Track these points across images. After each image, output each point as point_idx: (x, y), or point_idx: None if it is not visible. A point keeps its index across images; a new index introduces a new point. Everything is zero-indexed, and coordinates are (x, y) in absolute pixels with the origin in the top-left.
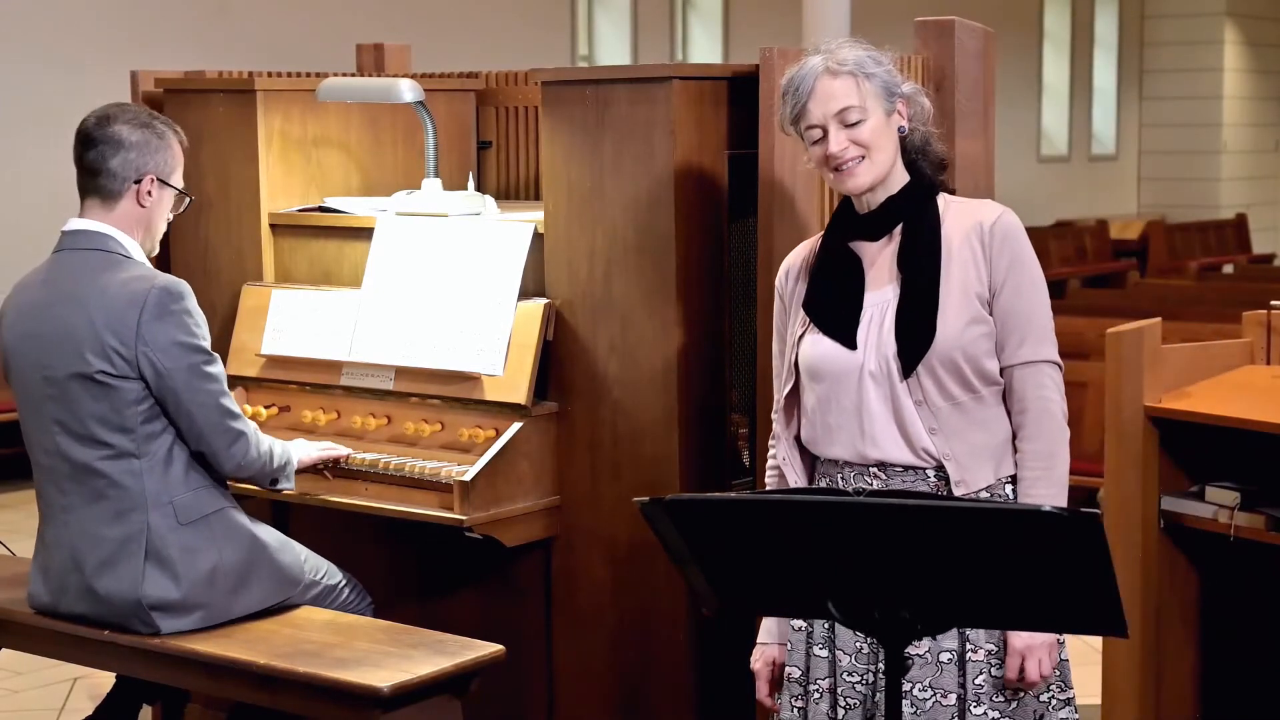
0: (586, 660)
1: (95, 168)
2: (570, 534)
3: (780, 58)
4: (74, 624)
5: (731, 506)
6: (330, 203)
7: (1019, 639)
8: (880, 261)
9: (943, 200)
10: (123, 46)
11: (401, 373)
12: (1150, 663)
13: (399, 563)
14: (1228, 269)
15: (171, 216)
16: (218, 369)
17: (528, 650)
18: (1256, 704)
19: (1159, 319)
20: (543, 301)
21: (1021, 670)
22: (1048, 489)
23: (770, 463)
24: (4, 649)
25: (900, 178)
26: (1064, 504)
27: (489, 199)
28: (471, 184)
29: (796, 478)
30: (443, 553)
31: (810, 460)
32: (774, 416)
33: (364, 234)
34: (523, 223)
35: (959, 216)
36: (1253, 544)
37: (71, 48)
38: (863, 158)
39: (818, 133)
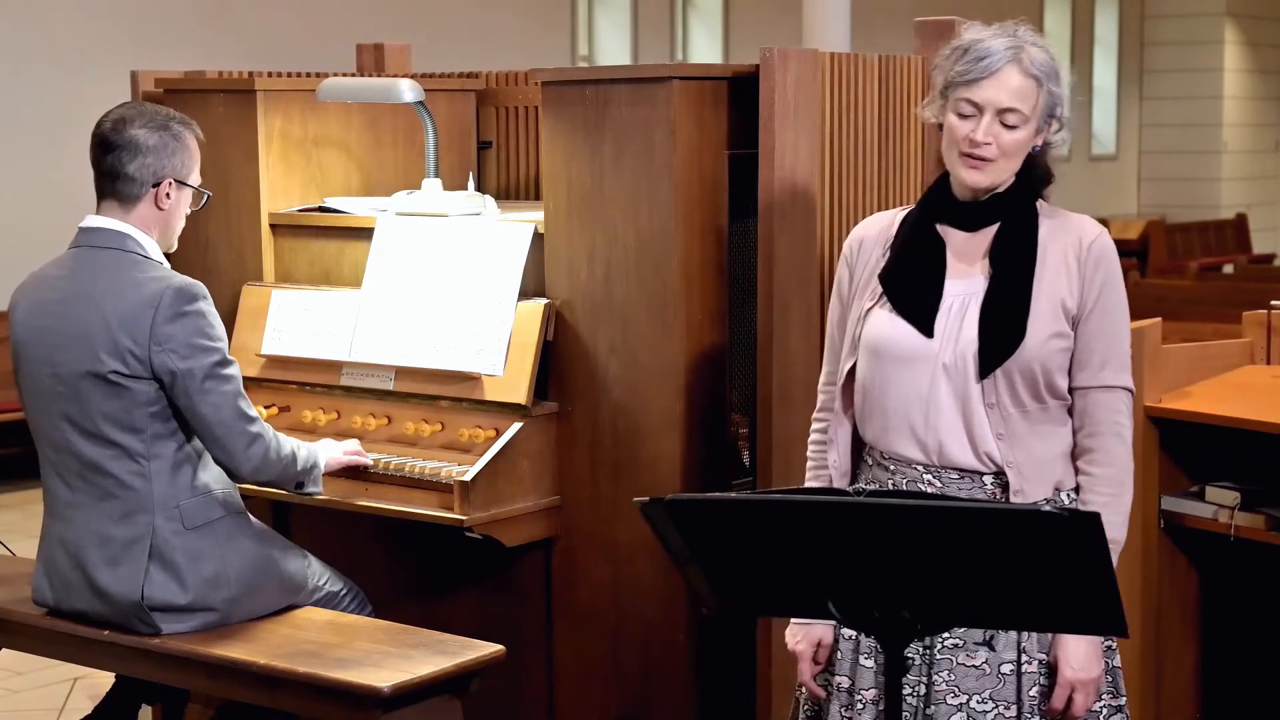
0: (586, 660)
1: (113, 172)
2: (570, 534)
3: (780, 58)
4: (75, 623)
5: (731, 506)
6: (330, 203)
7: (1069, 670)
8: (968, 251)
9: (1041, 205)
10: (123, 46)
11: (401, 373)
12: (1150, 663)
13: (399, 563)
14: (1228, 269)
15: (190, 211)
16: (233, 371)
17: (528, 650)
18: (1256, 704)
19: (1159, 319)
20: (543, 301)
21: (1068, 702)
22: (1115, 516)
23: (816, 436)
24: (4, 649)
25: (1009, 179)
26: (1125, 533)
27: (489, 199)
28: (471, 184)
29: (838, 457)
30: (443, 553)
31: (857, 443)
32: (824, 389)
33: (364, 234)
34: (523, 223)
35: (1057, 227)
36: (1253, 544)
37: (72, 48)
38: (993, 160)
39: (971, 109)
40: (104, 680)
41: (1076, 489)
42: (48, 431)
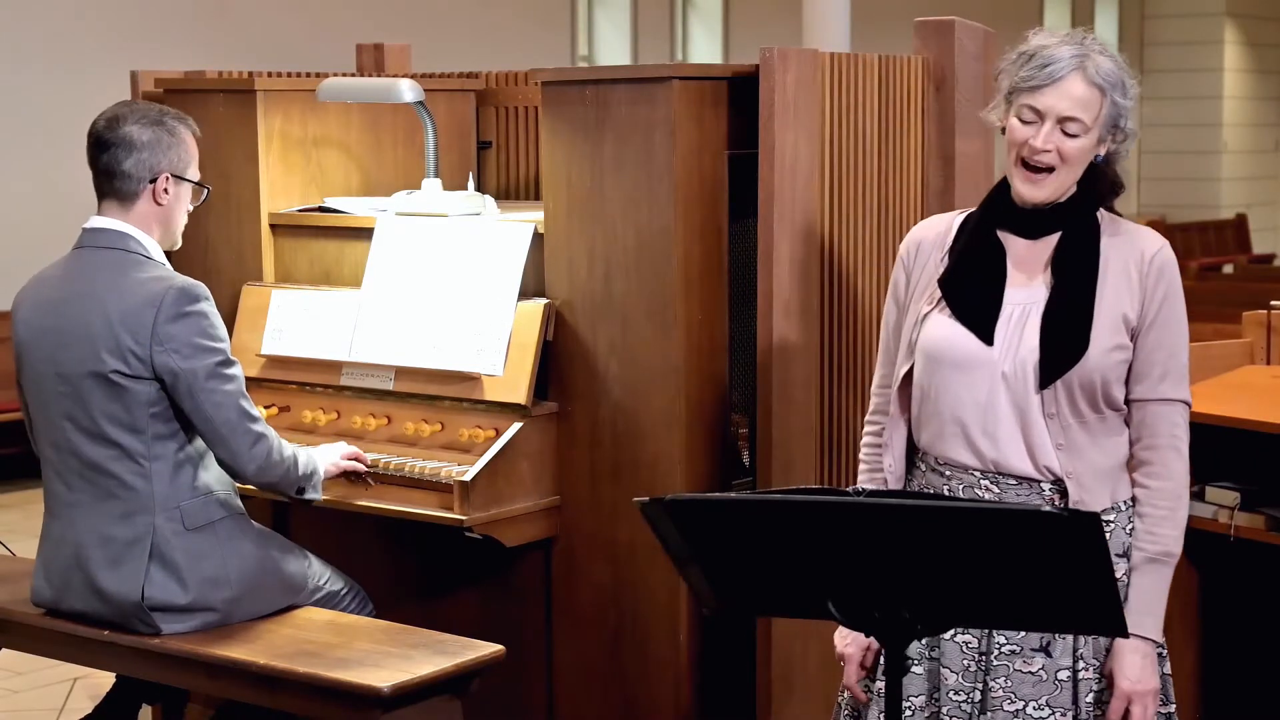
0: (586, 660)
1: (110, 170)
2: (570, 534)
3: (780, 58)
4: (75, 623)
5: (731, 506)
6: (330, 203)
7: (1126, 682)
8: (1028, 260)
9: (1101, 215)
10: (123, 46)
11: (401, 373)
12: None
13: (399, 563)
14: (1228, 269)
15: (191, 208)
16: (236, 371)
17: (528, 650)
18: (1256, 704)
19: None
20: (543, 301)
21: (1126, 714)
22: (1172, 530)
23: (870, 439)
24: (4, 649)
25: (1070, 189)
26: (1181, 546)
27: (489, 199)
28: (471, 184)
29: (893, 461)
30: (443, 553)
31: (911, 447)
32: (879, 392)
33: (364, 234)
34: (523, 223)
35: (1118, 239)
36: (1253, 544)
37: (71, 48)
38: (1053, 169)
39: (1032, 115)
40: (104, 680)
41: (1132, 500)
42: (49, 432)
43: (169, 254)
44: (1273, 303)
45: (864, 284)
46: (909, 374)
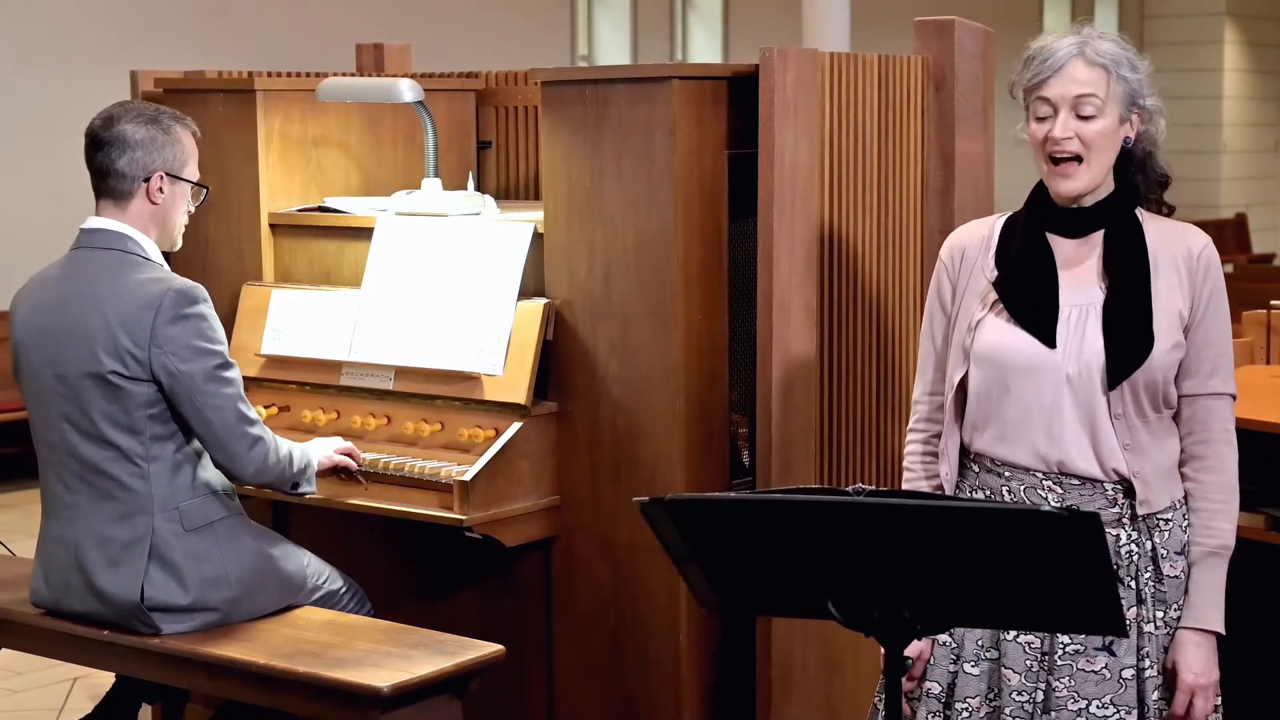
0: (586, 660)
1: (104, 169)
2: (570, 534)
3: (780, 58)
4: (75, 623)
5: (731, 506)
6: (330, 203)
7: (1190, 675)
8: (1078, 262)
9: (1140, 213)
10: (123, 46)
11: (401, 373)
12: None
13: (399, 563)
14: (1228, 269)
15: (192, 208)
16: (234, 374)
17: (528, 650)
18: (1257, 704)
19: None
20: (543, 301)
21: (1189, 708)
22: (1228, 523)
23: (918, 448)
24: (4, 649)
25: (1108, 184)
26: (1234, 540)
27: (489, 199)
28: (471, 184)
29: (949, 469)
30: (443, 553)
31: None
32: (924, 399)
33: (364, 234)
34: (523, 223)
35: (1163, 236)
36: (1253, 544)
37: (71, 48)
38: (1080, 159)
39: (1047, 110)
40: (104, 680)
41: (1184, 496)
42: (47, 433)
43: (168, 254)
44: (1273, 303)
45: (864, 284)
46: (962, 380)
